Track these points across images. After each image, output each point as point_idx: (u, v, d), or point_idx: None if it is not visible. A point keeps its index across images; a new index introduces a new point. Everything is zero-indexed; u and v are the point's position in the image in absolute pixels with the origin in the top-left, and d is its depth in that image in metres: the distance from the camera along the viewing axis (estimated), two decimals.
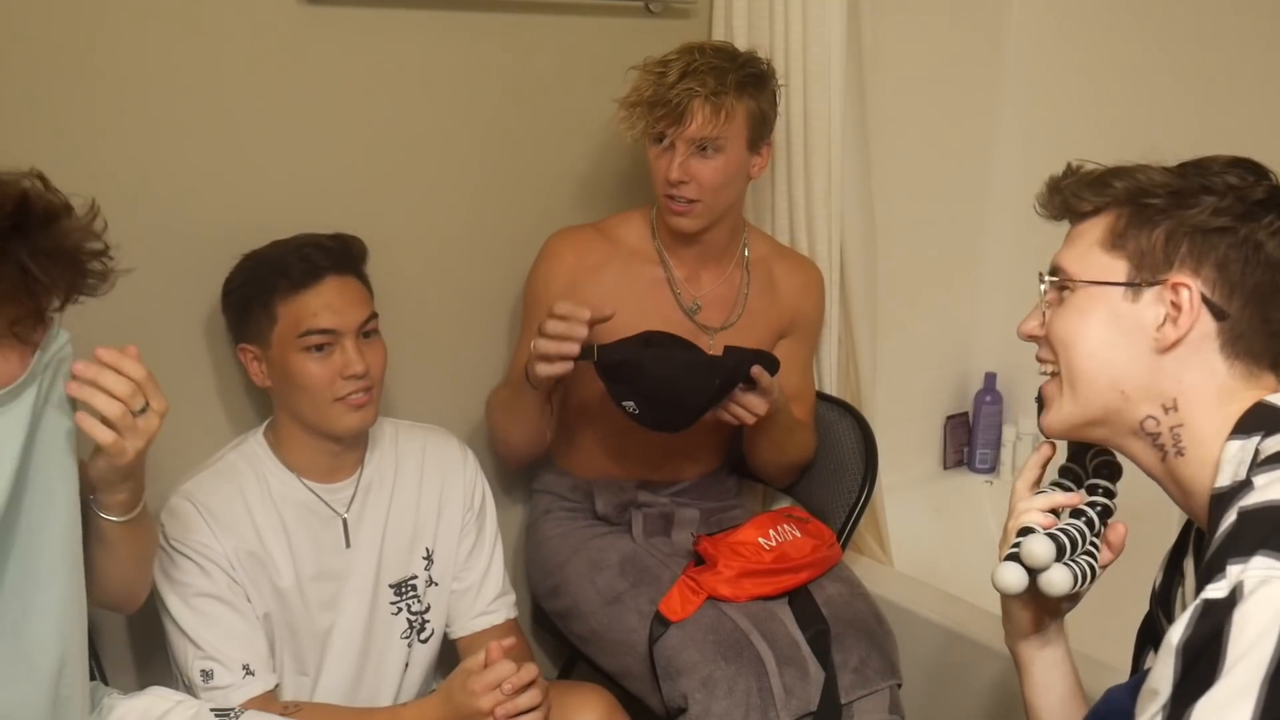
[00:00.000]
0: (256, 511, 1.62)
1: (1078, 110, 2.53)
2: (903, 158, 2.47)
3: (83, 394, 1.17)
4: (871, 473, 2.04)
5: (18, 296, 1.08)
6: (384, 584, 1.71)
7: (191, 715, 1.38)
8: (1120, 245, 1.10)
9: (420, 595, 1.74)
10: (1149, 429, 1.10)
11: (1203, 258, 1.07)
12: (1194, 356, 1.07)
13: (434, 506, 1.76)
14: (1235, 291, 1.06)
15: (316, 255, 1.61)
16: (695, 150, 1.77)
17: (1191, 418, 1.07)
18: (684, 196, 1.81)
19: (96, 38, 1.62)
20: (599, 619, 1.83)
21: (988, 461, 2.79)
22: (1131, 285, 1.09)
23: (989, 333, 2.75)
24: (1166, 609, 1.20)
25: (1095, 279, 1.11)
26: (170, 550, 1.55)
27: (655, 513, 1.97)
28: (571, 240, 1.93)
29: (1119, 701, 1.08)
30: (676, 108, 1.74)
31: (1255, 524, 0.95)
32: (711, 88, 1.74)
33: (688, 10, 2.16)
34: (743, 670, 1.65)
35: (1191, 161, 1.12)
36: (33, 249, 1.08)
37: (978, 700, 1.97)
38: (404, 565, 1.73)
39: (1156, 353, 1.08)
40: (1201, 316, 1.07)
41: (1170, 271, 1.07)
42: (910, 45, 2.46)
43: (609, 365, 1.73)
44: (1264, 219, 1.06)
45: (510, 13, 1.98)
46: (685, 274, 1.95)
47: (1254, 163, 1.11)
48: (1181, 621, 0.94)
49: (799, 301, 2.02)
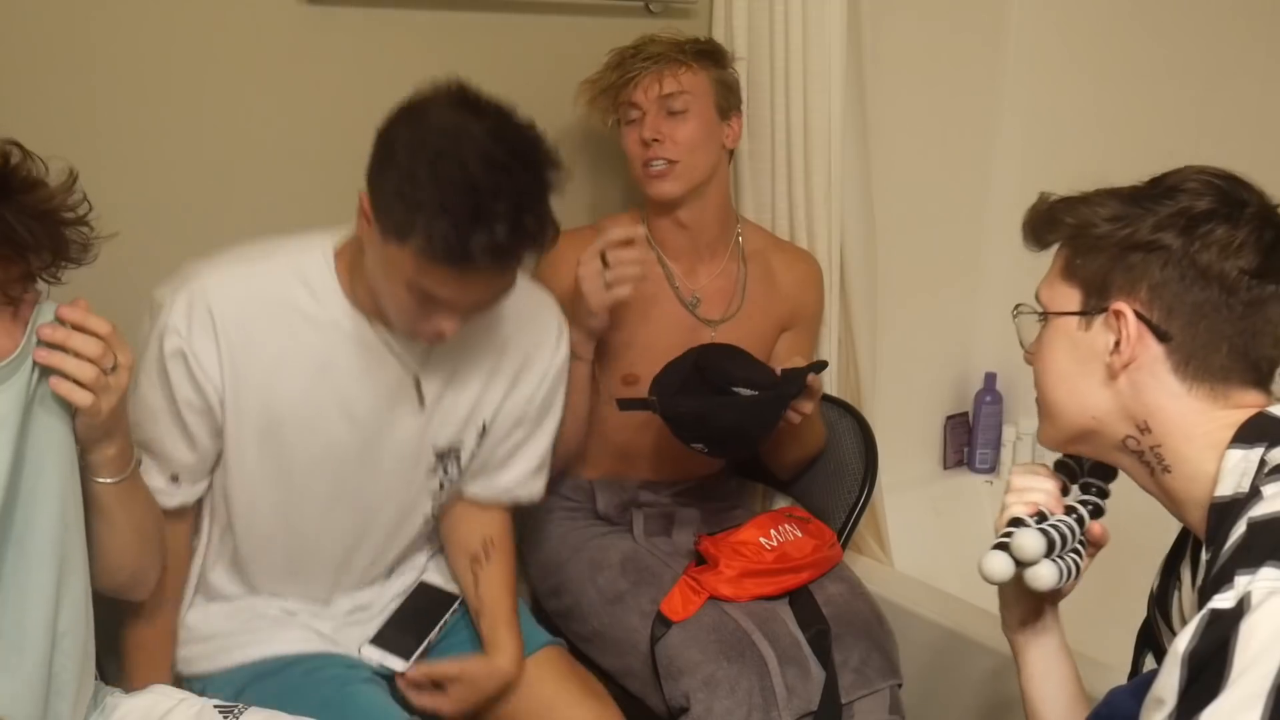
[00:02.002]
0: (298, 342, 1.45)
1: (1078, 110, 2.53)
2: (903, 158, 2.47)
3: (53, 360, 1.17)
4: (871, 473, 2.04)
5: (5, 254, 1.10)
6: (429, 446, 1.57)
7: (195, 713, 1.38)
8: (1072, 275, 1.11)
9: (463, 465, 1.63)
10: (1131, 447, 1.10)
11: (1138, 281, 1.06)
12: (1150, 380, 1.07)
13: (506, 382, 1.59)
14: (1174, 312, 1.05)
15: (482, 238, 1.26)
16: (664, 112, 1.83)
17: (1167, 437, 1.07)
18: (661, 157, 1.83)
19: (94, 36, 1.62)
20: (600, 619, 1.83)
21: (988, 461, 2.79)
22: (1082, 314, 1.10)
23: (989, 333, 2.75)
24: (1164, 614, 1.20)
25: (1056, 309, 1.13)
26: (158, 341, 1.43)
27: (656, 512, 1.97)
28: (573, 243, 1.93)
29: (1122, 704, 1.07)
30: (639, 74, 1.82)
31: (1264, 535, 0.95)
32: (671, 52, 1.84)
33: (688, 10, 2.16)
34: (745, 670, 1.66)
35: (1158, 177, 1.11)
36: (16, 208, 1.09)
37: (978, 700, 1.97)
38: (456, 433, 1.59)
39: (1112, 379, 1.09)
40: (1146, 340, 1.06)
41: (1112, 297, 1.08)
42: (910, 46, 2.46)
43: (674, 415, 1.73)
44: (1201, 230, 1.04)
45: (510, 13, 1.99)
46: (682, 269, 1.95)
47: (1219, 173, 1.08)
48: (1187, 631, 0.94)
49: (799, 294, 2.02)
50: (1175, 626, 1.16)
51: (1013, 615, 1.27)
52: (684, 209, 1.90)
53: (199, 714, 1.38)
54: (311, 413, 1.48)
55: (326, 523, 1.57)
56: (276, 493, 1.52)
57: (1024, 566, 1.15)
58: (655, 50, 1.84)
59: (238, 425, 1.47)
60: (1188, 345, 1.05)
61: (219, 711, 1.39)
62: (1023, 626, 1.26)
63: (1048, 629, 1.26)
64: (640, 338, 1.91)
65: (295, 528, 1.56)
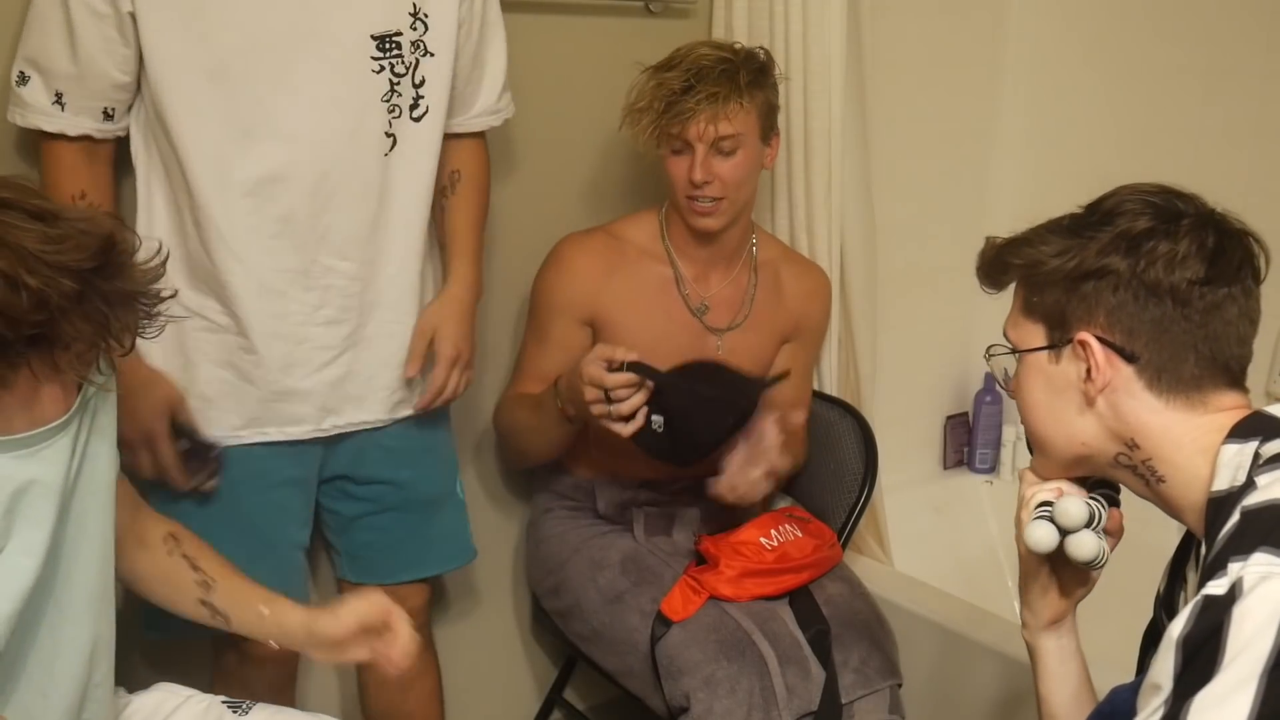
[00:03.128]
0: None
1: (1078, 110, 2.53)
2: (903, 158, 2.47)
3: None
4: (871, 473, 2.04)
5: (94, 339, 1.07)
6: (364, 33, 1.53)
7: (202, 710, 1.38)
8: (1032, 311, 1.14)
9: (405, 57, 1.57)
10: (1124, 463, 1.12)
11: (1095, 308, 1.08)
12: (1129, 400, 1.09)
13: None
14: (1136, 331, 1.07)
15: None
16: (714, 150, 1.79)
17: (1157, 450, 1.09)
18: (709, 196, 1.81)
19: None
20: (600, 618, 1.83)
21: (988, 461, 2.79)
22: (1050, 348, 1.12)
23: (989, 333, 2.73)
24: (1170, 615, 1.20)
25: (1024, 346, 1.15)
26: None
27: (657, 512, 1.97)
28: (582, 246, 1.93)
29: (1124, 702, 1.08)
30: (693, 114, 1.75)
31: (1257, 522, 0.96)
32: (726, 91, 1.76)
33: (688, 10, 2.16)
34: (745, 670, 1.66)
35: (1094, 203, 1.13)
36: (109, 292, 1.06)
37: (977, 700, 1.97)
38: (387, 17, 1.55)
39: (1090, 406, 1.10)
40: (1115, 363, 1.08)
41: (1073, 328, 1.10)
42: (910, 45, 2.46)
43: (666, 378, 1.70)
44: (1144, 249, 1.06)
45: (510, 13, 1.98)
46: (694, 274, 1.95)
47: (1153, 189, 1.11)
48: (1182, 617, 0.95)
49: (805, 307, 2.02)
50: None
51: (1043, 613, 1.25)
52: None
53: (206, 710, 1.38)
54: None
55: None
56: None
57: (1067, 535, 1.15)
58: (710, 90, 1.75)
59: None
60: (1156, 361, 1.07)
61: (227, 707, 1.39)
62: (1046, 629, 1.26)
63: (1070, 630, 1.26)
64: (644, 342, 1.91)
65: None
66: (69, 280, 1.01)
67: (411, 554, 1.81)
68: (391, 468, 1.74)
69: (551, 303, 1.91)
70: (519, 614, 2.24)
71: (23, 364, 1.04)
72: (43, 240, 1.01)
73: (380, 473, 1.74)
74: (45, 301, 1.00)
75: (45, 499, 1.14)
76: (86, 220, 1.07)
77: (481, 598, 2.19)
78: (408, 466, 1.76)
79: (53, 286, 1.00)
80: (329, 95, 1.53)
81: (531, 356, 1.96)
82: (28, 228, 1.01)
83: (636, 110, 1.81)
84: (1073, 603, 1.25)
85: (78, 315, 1.03)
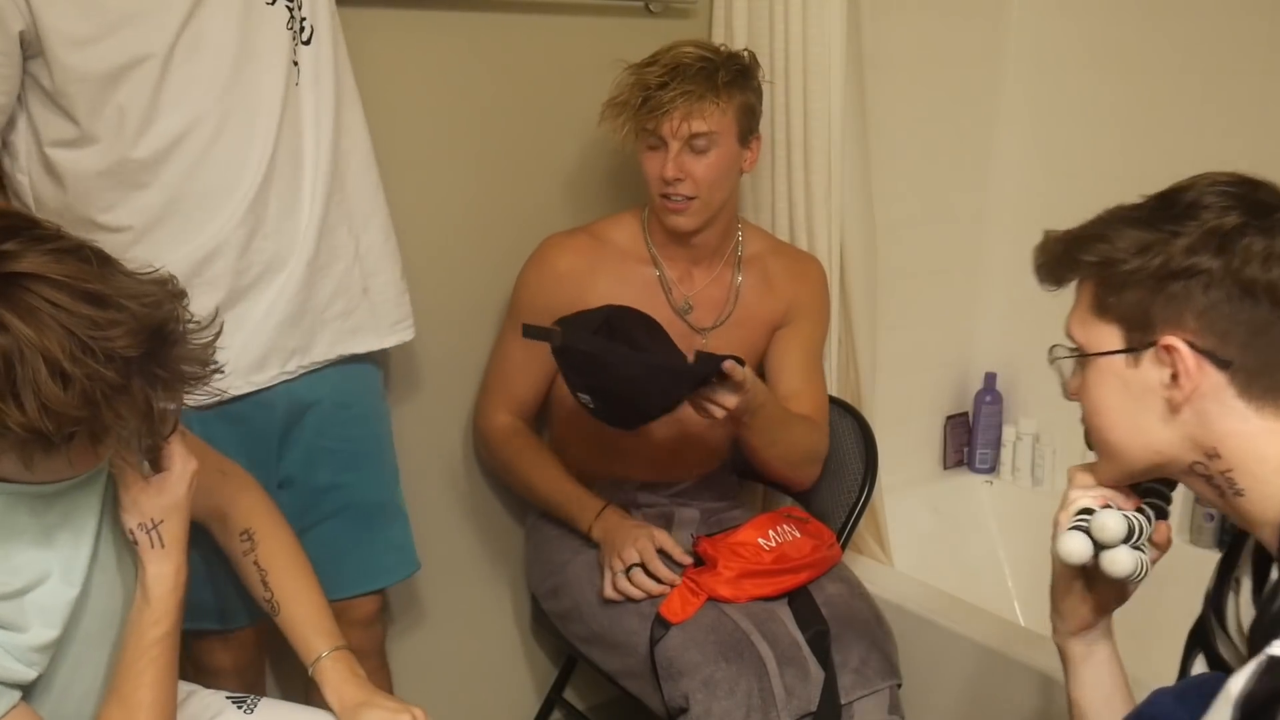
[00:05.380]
0: None
1: (1078, 109, 2.53)
2: (903, 158, 2.47)
3: None
4: (871, 473, 2.04)
5: (135, 419, 1.05)
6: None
7: (207, 705, 1.38)
8: (1106, 311, 1.06)
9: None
10: (1200, 472, 1.05)
11: (1183, 310, 1.00)
12: (1216, 407, 1.01)
13: None
14: (1230, 335, 1.00)
15: None
16: (687, 148, 1.79)
17: (1240, 463, 1.01)
18: (680, 194, 1.81)
19: None
20: (599, 621, 1.83)
21: (988, 461, 2.79)
22: (1128, 351, 1.05)
23: (989, 333, 2.75)
24: (1219, 615, 1.15)
25: (1096, 348, 1.07)
26: None
27: (655, 513, 1.97)
28: (565, 247, 1.93)
29: (1164, 705, 1.04)
30: (668, 109, 1.76)
31: None
32: (701, 89, 1.76)
33: (688, 10, 2.16)
34: (744, 671, 1.65)
35: (1166, 194, 1.05)
36: (153, 375, 1.04)
37: (978, 700, 1.97)
38: None
39: (1174, 413, 1.03)
40: (1206, 369, 1.01)
41: (1157, 331, 1.02)
42: (910, 45, 2.46)
43: (570, 355, 1.67)
44: (1238, 246, 0.98)
45: (510, 13, 1.98)
46: (677, 274, 1.94)
47: (1233, 179, 1.03)
48: (1244, 673, 0.90)
49: (794, 291, 1.99)
50: (1230, 629, 1.12)
51: (1071, 620, 1.22)
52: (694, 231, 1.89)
53: (209, 705, 1.38)
54: None
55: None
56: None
57: (1102, 550, 1.11)
58: (686, 87, 1.75)
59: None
60: (1250, 366, 1.00)
61: (231, 703, 1.39)
62: (1077, 634, 1.22)
63: (1103, 636, 1.22)
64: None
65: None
66: (114, 372, 0.99)
67: (357, 566, 1.77)
68: (333, 471, 1.72)
69: (535, 304, 1.91)
70: (519, 614, 2.24)
71: (59, 453, 1.02)
72: (90, 326, 0.98)
73: (324, 477, 1.71)
74: (88, 398, 0.98)
75: (83, 530, 1.15)
76: (139, 299, 1.03)
77: (481, 598, 2.19)
78: (350, 470, 1.73)
79: (96, 380, 0.98)
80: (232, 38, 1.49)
81: (512, 358, 1.96)
82: (77, 312, 0.98)
83: (614, 104, 1.82)
84: (1105, 613, 1.21)
85: (122, 404, 1.01)
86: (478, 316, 2.06)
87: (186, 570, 1.21)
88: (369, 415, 1.78)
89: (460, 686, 2.17)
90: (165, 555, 1.19)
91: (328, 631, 1.39)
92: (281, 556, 1.43)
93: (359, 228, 1.68)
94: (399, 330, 1.76)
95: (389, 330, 1.74)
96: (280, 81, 1.53)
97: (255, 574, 1.42)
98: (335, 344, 1.67)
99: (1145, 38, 2.42)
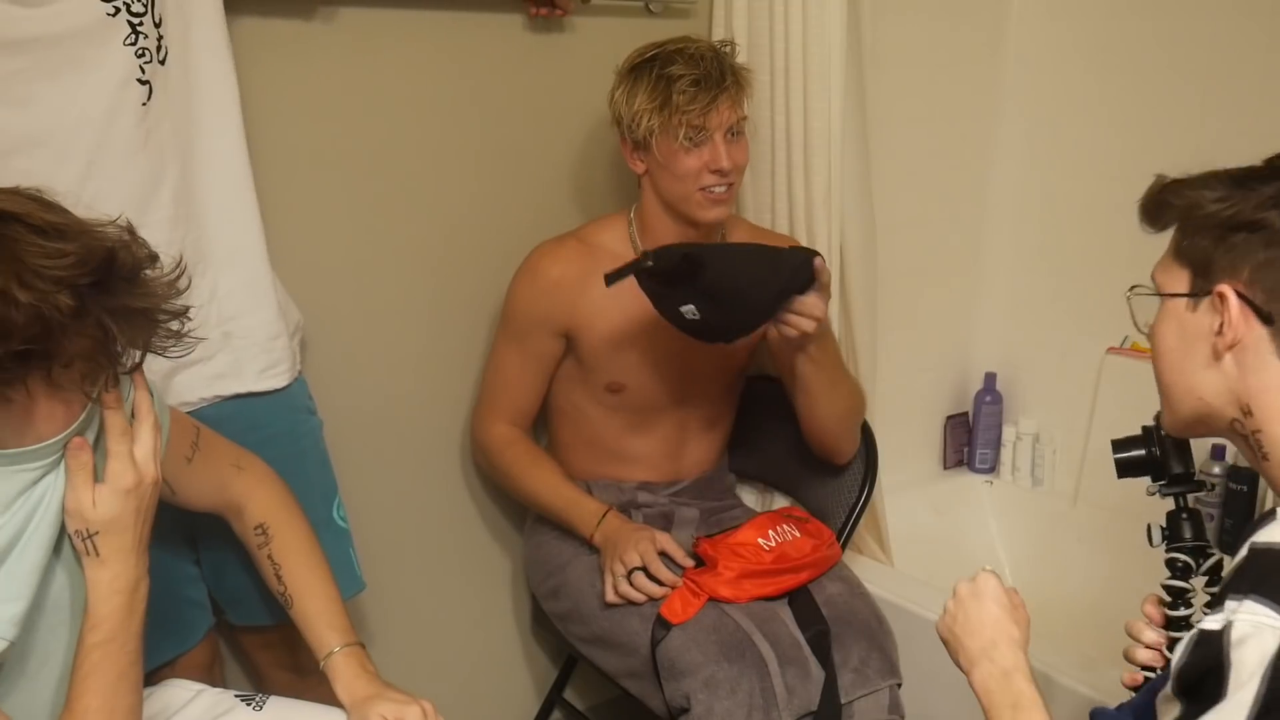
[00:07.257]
0: None
1: (1078, 109, 2.53)
2: (903, 158, 2.47)
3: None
4: (871, 473, 2.04)
5: (94, 355, 1.05)
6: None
7: (212, 703, 1.38)
8: (1181, 255, 1.10)
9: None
10: (1238, 430, 1.08)
11: (1241, 261, 1.03)
12: (1254, 360, 1.04)
13: None
14: (1278, 292, 1.02)
15: None
16: (729, 139, 1.81)
17: (1268, 424, 1.04)
18: (725, 183, 1.83)
19: None
20: (600, 623, 1.83)
21: (988, 461, 2.79)
22: (1190, 295, 1.08)
23: (989, 333, 2.75)
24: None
25: (1166, 290, 1.11)
26: None
27: (655, 513, 1.97)
28: (555, 255, 1.92)
29: (1106, 714, 1.10)
30: (714, 102, 1.77)
31: (1255, 564, 0.95)
32: (732, 77, 1.81)
33: (688, 10, 2.16)
34: (745, 670, 1.65)
35: (1272, 157, 1.09)
36: (113, 306, 1.04)
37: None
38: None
39: (1216, 360, 1.06)
40: (1250, 322, 1.04)
41: (1216, 279, 1.06)
42: (910, 45, 2.46)
43: (668, 263, 1.69)
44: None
45: (509, 13, 1.98)
46: None
47: None
48: (1179, 648, 0.96)
49: None
50: None
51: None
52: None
53: (217, 704, 1.38)
54: None
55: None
56: None
57: None
58: (708, 63, 1.78)
59: None
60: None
61: (239, 700, 1.39)
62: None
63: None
64: (627, 345, 1.91)
65: None
66: (66, 296, 1.00)
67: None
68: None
69: (530, 315, 1.91)
70: (519, 614, 2.25)
71: (18, 381, 1.03)
72: (41, 255, 1.00)
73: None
74: (40, 317, 0.99)
75: (51, 508, 1.14)
76: (91, 234, 1.05)
77: (481, 598, 2.19)
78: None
79: (48, 302, 0.99)
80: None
81: (507, 368, 1.96)
82: (28, 241, 1.00)
83: (649, 109, 1.78)
84: None
85: (76, 331, 1.02)
86: (478, 318, 2.06)
87: (134, 579, 1.19)
88: (282, 435, 1.65)
89: (460, 686, 2.17)
90: (100, 564, 1.17)
91: (340, 627, 1.41)
92: (295, 551, 1.45)
93: (218, 268, 1.55)
94: (266, 378, 1.62)
95: (255, 377, 1.61)
96: (106, 95, 1.41)
97: (270, 568, 1.44)
98: (198, 388, 1.56)
99: (1145, 37, 2.42)
